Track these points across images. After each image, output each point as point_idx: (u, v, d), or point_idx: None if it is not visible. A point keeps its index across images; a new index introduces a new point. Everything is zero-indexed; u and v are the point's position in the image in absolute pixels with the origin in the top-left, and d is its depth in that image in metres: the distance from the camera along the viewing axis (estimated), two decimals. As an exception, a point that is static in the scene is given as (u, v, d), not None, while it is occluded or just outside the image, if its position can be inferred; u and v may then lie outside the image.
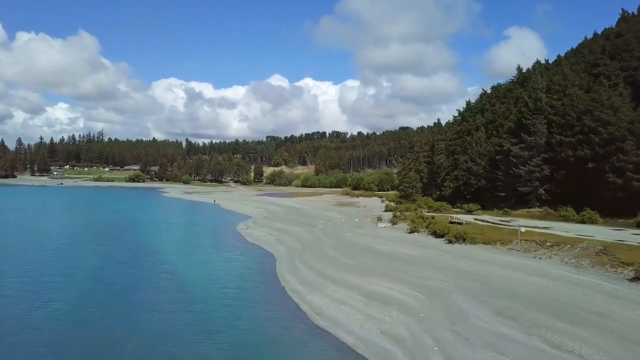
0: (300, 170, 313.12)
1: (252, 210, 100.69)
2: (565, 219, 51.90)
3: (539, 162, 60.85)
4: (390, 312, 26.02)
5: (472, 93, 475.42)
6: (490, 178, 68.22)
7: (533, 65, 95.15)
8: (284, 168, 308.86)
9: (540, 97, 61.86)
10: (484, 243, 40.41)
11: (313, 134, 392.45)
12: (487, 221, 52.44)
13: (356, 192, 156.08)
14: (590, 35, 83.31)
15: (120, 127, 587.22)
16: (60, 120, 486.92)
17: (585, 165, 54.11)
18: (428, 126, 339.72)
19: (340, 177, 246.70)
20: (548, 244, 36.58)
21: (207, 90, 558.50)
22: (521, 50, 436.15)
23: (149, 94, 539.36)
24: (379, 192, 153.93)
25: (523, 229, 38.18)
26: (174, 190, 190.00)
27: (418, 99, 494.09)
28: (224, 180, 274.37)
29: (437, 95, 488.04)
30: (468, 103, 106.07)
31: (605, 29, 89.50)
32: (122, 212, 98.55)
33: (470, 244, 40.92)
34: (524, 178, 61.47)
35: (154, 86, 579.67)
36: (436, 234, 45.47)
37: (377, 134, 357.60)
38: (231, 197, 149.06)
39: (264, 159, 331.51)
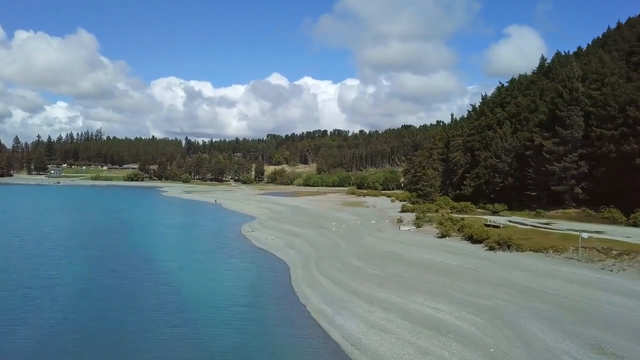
0: (301, 168, 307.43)
1: (255, 210, 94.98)
2: (612, 222, 46.30)
3: (575, 158, 55.22)
4: (448, 345, 20.37)
5: (472, 92, 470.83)
6: (518, 176, 62.61)
7: (554, 56, 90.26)
8: (285, 167, 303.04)
9: (577, 87, 56.22)
10: (532, 250, 34.82)
11: (314, 132, 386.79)
12: (523, 224, 46.81)
13: (363, 191, 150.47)
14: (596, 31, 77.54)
15: (119, 126, 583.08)
16: (59, 119, 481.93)
17: (632, 161, 48.45)
18: (431, 124, 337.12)
19: (343, 175, 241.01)
20: (614, 252, 31.01)
21: (206, 89, 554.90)
22: (521, 48, 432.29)
23: (147, 93, 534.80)
24: (387, 192, 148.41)
25: (585, 235, 32.53)
26: (173, 190, 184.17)
27: (417, 97, 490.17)
28: (224, 179, 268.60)
29: (437, 94, 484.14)
30: (484, 97, 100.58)
31: (629, 18, 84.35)
32: (118, 212, 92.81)
33: (517, 251, 35.32)
34: (558, 176, 55.87)
35: (153, 85, 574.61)
36: (473, 240, 39.87)
37: (380, 132, 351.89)
38: (233, 197, 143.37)
39: (264, 158, 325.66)
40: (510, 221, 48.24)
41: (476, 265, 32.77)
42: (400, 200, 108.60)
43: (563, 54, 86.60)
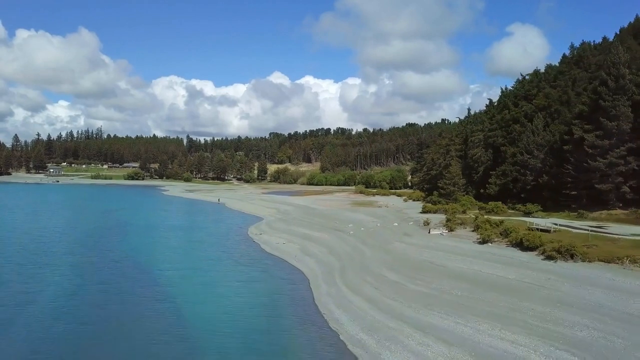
0: (305, 167, 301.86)
1: (261, 210, 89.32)
2: (673, 225, 40.53)
3: (622, 153, 49.39)
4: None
5: (474, 90, 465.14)
6: (554, 173, 56.78)
7: (570, 47, 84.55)
8: (289, 165, 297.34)
9: (623, 74, 50.39)
10: (602, 261, 29.01)
11: (317, 130, 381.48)
12: (571, 227, 41.01)
13: (371, 190, 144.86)
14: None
15: (121, 125, 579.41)
16: (61, 118, 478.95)
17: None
18: (435, 122, 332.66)
19: (348, 174, 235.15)
20: None
21: (207, 87, 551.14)
22: (524, 47, 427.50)
23: (149, 92, 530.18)
24: (397, 191, 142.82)
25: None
26: (174, 188, 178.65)
27: (419, 96, 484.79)
28: (226, 178, 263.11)
29: (439, 93, 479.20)
30: (504, 90, 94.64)
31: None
32: (115, 212, 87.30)
33: (583, 261, 29.54)
34: (602, 172, 50.04)
35: (154, 84, 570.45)
36: (523, 246, 34.08)
37: (384, 130, 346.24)
38: (236, 196, 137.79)
39: (267, 156, 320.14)
40: (555, 224, 42.43)
41: (538, 279, 27.03)
42: (414, 200, 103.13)
43: (592, 43, 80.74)
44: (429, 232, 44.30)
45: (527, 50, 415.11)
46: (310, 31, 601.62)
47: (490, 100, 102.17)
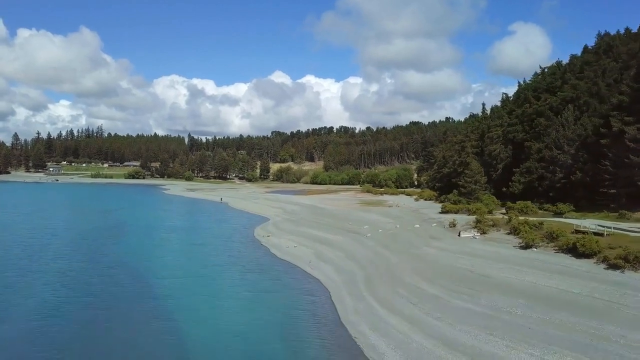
0: (308, 166, 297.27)
1: (267, 210, 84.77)
2: None
3: (669, 147, 44.82)
4: None
5: (476, 90, 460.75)
6: (588, 170, 52.12)
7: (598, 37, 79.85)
8: (291, 164, 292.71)
9: (669, 60, 45.80)
10: (682, 271, 24.43)
11: (320, 129, 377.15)
12: (621, 229, 36.34)
13: (379, 189, 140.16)
14: None
15: (122, 124, 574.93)
16: (62, 118, 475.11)
17: None
18: (440, 121, 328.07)
19: (352, 173, 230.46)
20: None
21: (208, 87, 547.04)
22: (526, 46, 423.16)
23: (150, 91, 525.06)
24: (406, 190, 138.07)
25: None
26: (175, 187, 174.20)
27: (421, 95, 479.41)
28: (228, 177, 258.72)
29: (441, 92, 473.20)
30: (521, 83, 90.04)
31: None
32: (114, 212, 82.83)
33: (657, 271, 24.93)
34: (645, 169, 45.48)
35: (156, 83, 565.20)
36: (576, 252, 29.45)
37: (388, 128, 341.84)
38: (239, 195, 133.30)
39: (269, 155, 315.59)
40: (601, 226, 37.78)
41: (612, 294, 22.45)
42: (425, 199, 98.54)
43: (619, 32, 76.11)
44: (459, 235, 39.68)
45: (529, 49, 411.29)
46: (312, 30, 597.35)
47: (506, 95, 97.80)
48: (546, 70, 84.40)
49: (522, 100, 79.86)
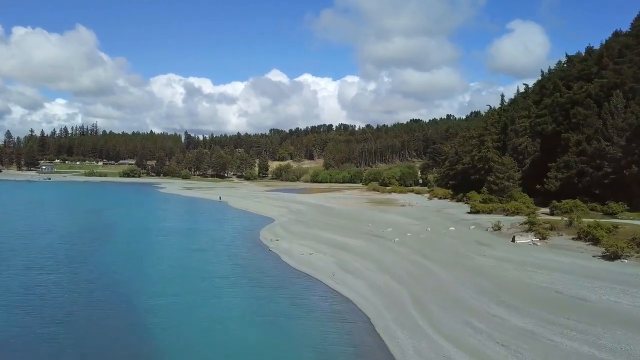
0: (307, 164, 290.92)
1: (270, 210, 77.79)
2: None
3: None
4: None
5: (474, 88, 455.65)
6: (645, 163, 45.55)
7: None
8: (291, 162, 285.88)
9: None
10: None
11: (319, 126, 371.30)
12: None
13: (387, 187, 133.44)
14: None
15: (119, 123, 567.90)
16: (59, 116, 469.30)
17: None
18: (441, 118, 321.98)
19: (354, 171, 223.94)
20: None
21: (205, 85, 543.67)
22: (524, 44, 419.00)
23: (147, 90, 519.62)
24: (416, 188, 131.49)
25: None
26: (171, 186, 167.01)
27: (419, 94, 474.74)
28: (226, 175, 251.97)
29: (439, 91, 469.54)
30: (546, 72, 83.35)
31: None
32: (103, 212, 75.73)
33: None
34: None
35: (153, 81, 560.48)
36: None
37: (388, 126, 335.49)
38: (238, 194, 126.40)
39: (268, 153, 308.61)
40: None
41: None
42: (440, 198, 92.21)
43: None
44: (514, 241, 32.93)
45: (528, 47, 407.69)
46: (310, 28, 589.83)
47: (526, 85, 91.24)
48: (566, 58, 78.20)
49: (549, 89, 73.18)
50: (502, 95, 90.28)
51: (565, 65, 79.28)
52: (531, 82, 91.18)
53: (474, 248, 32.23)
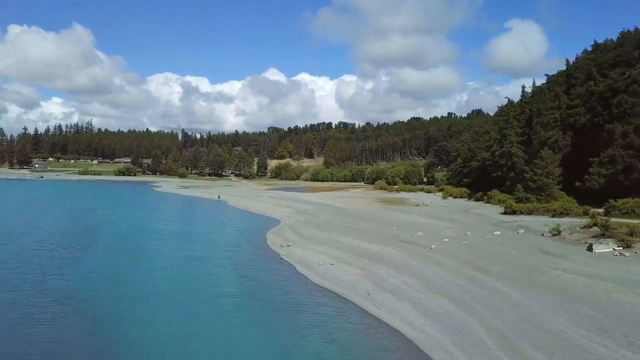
0: (307, 163, 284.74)
1: (274, 210, 71.31)
2: None
3: None
4: None
5: (472, 87, 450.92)
6: None
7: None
8: (290, 161, 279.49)
9: None
10: None
11: (318, 124, 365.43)
12: None
13: (394, 186, 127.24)
14: None
15: (115, 122, 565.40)
16: (55, 115, 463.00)
17: None
18: (442, 116, 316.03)
19: (356, 170, 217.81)
20: None
21: (203, 84, 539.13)
22: (523, 43, 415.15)
23: (144, 88, 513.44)
24: (426, 186, 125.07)
25: None
26: (168, 185, 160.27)
27: (416, 93, 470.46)
28: (224, 173, 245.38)
29: (437, 90, 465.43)
30: (571, 63, 77.07)
31: None
32: (92, 212, 69.09)
33: None
34: None
35: (149, 80, 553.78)
36: None
37: (389, 124, 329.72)
38: (238, 192, 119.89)
39: (266, 152, 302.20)
40: None
41: None
42: (455, 196, 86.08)
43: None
44: (590, 250, 26.60)
45: (526, 46, 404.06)
46: (308, 27, 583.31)
47: (548, 76, 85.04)
48: (593, 45, 72.06)
49: (579, 78, 67.00)
50: (523, 87, 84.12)
51: (592, 54, 73.09)
52: (531, 82, 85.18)
53: (541, 259, 25.92)
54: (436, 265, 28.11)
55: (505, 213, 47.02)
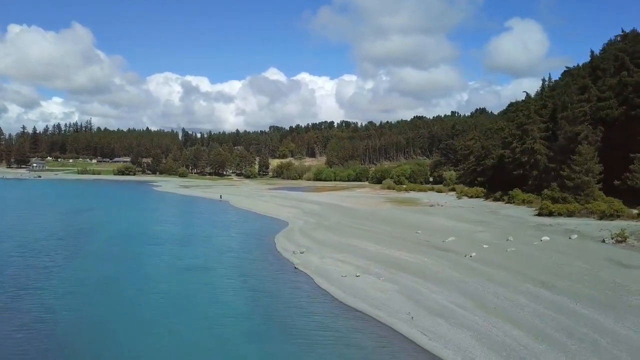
0: (309, 162, 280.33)
1: (280, 210, 66.75)
2: None
3: None
4: None
5: (472, 87, 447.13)
6: None
7: None
8: (292, 160, 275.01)
9: None
10: None
11: (320, 123, 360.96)
12: None
13: (402, 186, 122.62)
14: None
15: (115, 122, 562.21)
16: (55, 115, 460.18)
17: None
18: (445, 115, 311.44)
19: (359, 169, 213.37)
20: None
21: (203, 84, 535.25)
22: (523, 42, 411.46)
23: (144, 88, 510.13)
24: (436, 186, 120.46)
25: None
26: (167, 184, 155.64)
27: (417, 92, 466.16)
28: (225, 173, 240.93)
29: (437, 89, 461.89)
30: (594, 54, 72.31)
31: None
32: (86, 213, 64.56)
33: None
34: None
35: (149, 80, 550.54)
36: None
37: (392, 122, 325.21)
38: (240, 192, 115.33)
39: (268, 151, 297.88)
40: None
41: None
42: (470, 196, 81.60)
43: None
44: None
45: (526, 46, 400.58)
46: (308, 26, 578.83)
47: (568, 68, 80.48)
48: (621, 34, 67.38)
49: (608, 69, 62.37)
50: (543, 80, 79.51)
51: (620, 43, 68.48)
52: (530, 81, 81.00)
53: (621, 273, 21.35)
54: (485, 278, 23.47)
55: (540, 215, 42.52)
